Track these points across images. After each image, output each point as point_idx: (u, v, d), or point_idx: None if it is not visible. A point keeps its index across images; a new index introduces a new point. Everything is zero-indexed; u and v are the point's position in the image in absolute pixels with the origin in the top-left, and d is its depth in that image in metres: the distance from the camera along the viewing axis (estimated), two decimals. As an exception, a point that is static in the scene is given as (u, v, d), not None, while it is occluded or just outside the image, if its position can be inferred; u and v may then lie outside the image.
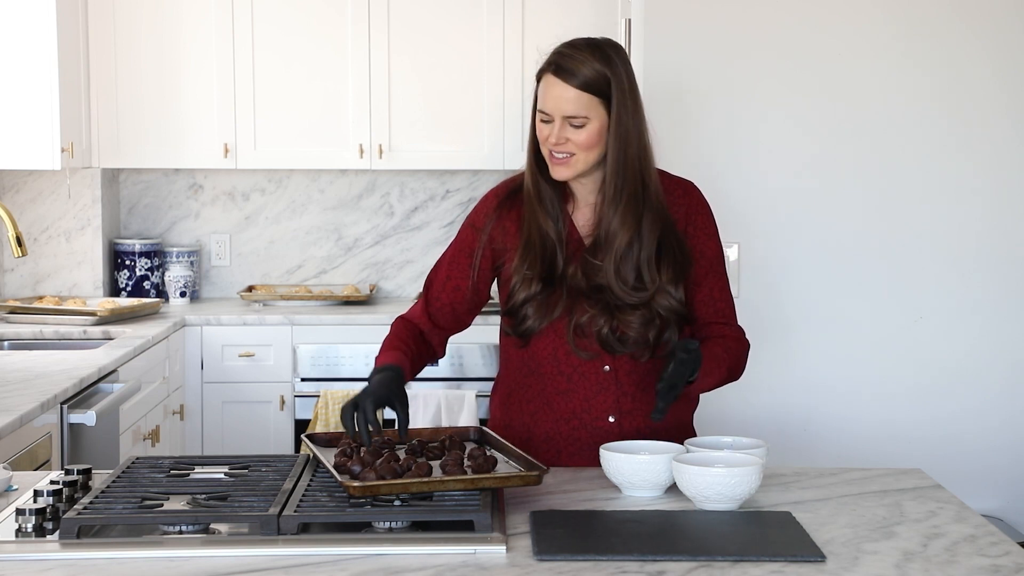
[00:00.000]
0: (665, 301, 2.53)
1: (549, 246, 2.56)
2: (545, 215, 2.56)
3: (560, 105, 2.48)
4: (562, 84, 2.48)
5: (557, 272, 2.55)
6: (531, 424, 2.63)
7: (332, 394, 4.77)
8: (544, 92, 2.50)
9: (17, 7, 4.59)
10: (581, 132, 2.49)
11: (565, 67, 2.48)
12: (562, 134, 2.49)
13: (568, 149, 2.50)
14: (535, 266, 2.55)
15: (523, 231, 2.58)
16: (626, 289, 2.52)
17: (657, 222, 2.54)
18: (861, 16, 3.80)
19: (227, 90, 5.11)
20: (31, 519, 2.03)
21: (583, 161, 2.52)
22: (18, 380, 3.47)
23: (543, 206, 2.57)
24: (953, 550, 1.99)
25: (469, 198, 5.49)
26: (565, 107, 2.48)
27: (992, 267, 3.85)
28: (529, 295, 2.55)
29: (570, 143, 2.49)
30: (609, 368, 2.57)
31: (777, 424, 3.85)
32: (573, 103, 2.48)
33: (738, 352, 2.63)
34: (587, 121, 2.49)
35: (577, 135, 2.49)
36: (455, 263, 2.66)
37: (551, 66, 2.50)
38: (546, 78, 2.50)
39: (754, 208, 3.82)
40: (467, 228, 2.67)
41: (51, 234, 5.25)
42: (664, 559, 1.91)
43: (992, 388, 3.87)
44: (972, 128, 3.82)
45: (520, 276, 2.56)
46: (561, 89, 2.48)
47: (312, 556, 1.92)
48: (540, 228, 2.56)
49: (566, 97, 2.48)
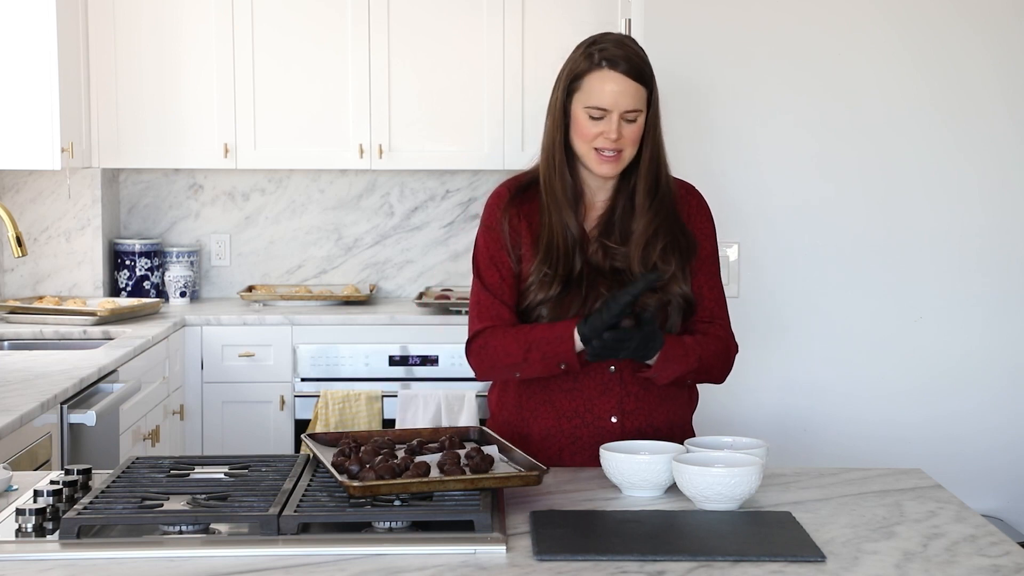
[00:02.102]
0: (678, 288, 2.55)
1: (571, 245, 2.55)
2: (570, 212, 2.55)
3: (619, 100, 2.47)
4: (622, 78, 2.47)
5: (575, 273, 2.55)
6: (531, 420, 2.62)
7: (332, 394, 4.78)
8: (600, 87, 2.48)
9: (17, 7, 4.59)
10: (633, 127, 2.50)
11: (622, 61, 2.48)
12: (620, 130, 2.49)
13: (619, 145, 2.50)
14: (556, 266, 2.54)
15: (544, 232, 2.56)
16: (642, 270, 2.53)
17: (672, 213, 2.57)
18: (861, 16, 3.80)
19: (227, 90, 5.11)
20: (31, 519, 2.02)
21: (629, 156, 2.53)
22: (18, 380, 3.47)
23: (568, 203, 2.56)
24: (953, 550, 1.99)
25: (469, 198, 5.49)
26: (625, 101, 2.47)
27: (992, 267, 3.85)
28: (547, 296, 2.54)
29: (621, 139, 2.50)
30: (615, 368, 2.57)
31: (777, 424, 3.85)
32: (632, 97, 2.48)
33: (715, 349, 2.59)
34: (639, 115, 2.50)
35: (629, 129, 2.50)
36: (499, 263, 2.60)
37: (606, 61, 2.48)
38: (600, 73, 2.48)
39: (754, 208, 3.82)
40: (486, 232, 2.63)
41: (51, 234, 5.25)
42: (664, 559, 1.91)
43: (992, 388, 3.87)
44: (972, 128, 3.82)
45: (539, 276, 2.54)
46: (622, 83, 2.47)
47: (312, 556, 1.92)
48: (565, 229, 2.55)
49: (626, 91, 2.47)
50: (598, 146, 2.50)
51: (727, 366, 2.65)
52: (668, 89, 3.73)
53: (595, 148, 2.51)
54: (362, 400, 4.77)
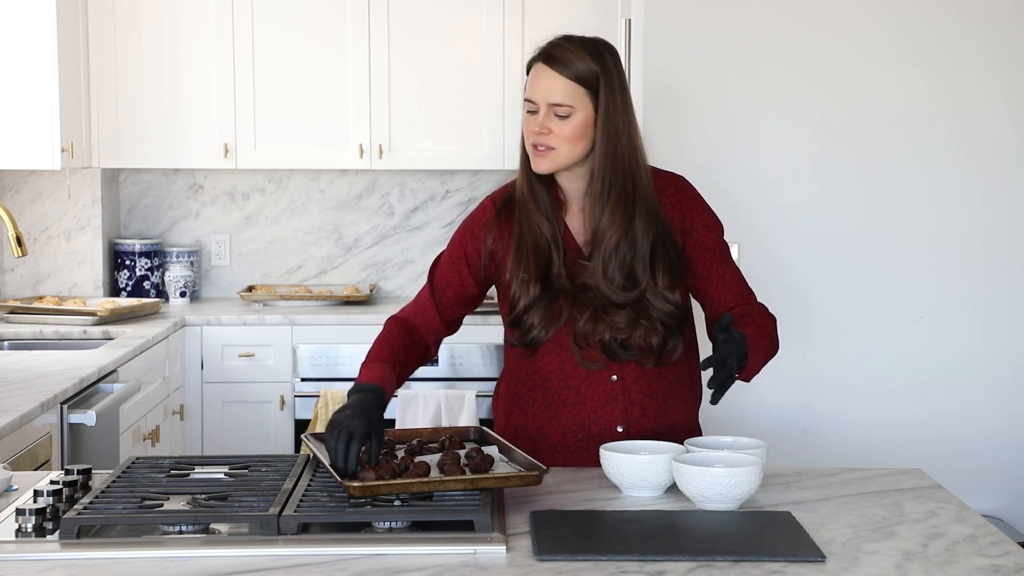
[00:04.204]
0: (658, 304, 2.50)
1: (543, 246, 2.52)
2: (539, 213, 2.53)
3: (546, 93, 2.46)
4: (551, 72, 2.47)
5: (553, 272, 2.53)
6: (536, 437, 2.61)
7: (332, 394, 4.77)
8: (532, 80, 2.49)
9: (17, 7, 4.59)
10: (565, 124, 2.47)
11: (556, 56, 2.48)
12: (546, 124, 2.46)
13: (550, 142, 2.47)
14: (529, 268, 2.52)
15: (515, 233, 2.56)
16: (613, 288, 2.49)
17: (651, 225, 2.52)
18: (861, 16, 3.80)
19: (227, 90, 5.11)
20: (31, 519, 2.02)
21: (565, 155, 2.48)
22: (18, 380, 3.46)
23: (536, 204, 2.54)
24: (953, 550, 1.99)
25: (469, 198, 5.49)
26: (551, 95, 2.46)
27: (992, 267, 3.85)
28: (530, 300, 2.52)
29: (553, 135, 2.47)
30: (616, 378, 2.56)
31: (777, 424, 3.85)
32: (559, 92, 2.46)
33: (770, 325, 2.55)
34: (572, 112, 2.47)
35: (561, 126, 2.47)
36: (453, 268, 2.62)
37: (542, 55, 2.49)
38: (536, 67, 2.50)
39: (754, 208, 3.82)
40: (465, 233, 2.63)
41: (51, 234, 5.25)
42: (664, 559, 1.91)
43: (992, 388, 3.88)
44: (972, 128, 3.82)
45: (517, 280, 2.53)
46: (550, 78, 2.47)
47: (312, 556, 1.92)
48: (533, 227, 2.53)
49: (553, 86, 2.46)
50: (531, 142, 2.50)
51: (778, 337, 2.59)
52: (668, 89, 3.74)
53: (532, 144, 2.50)
54: (362, 400, 4.77)
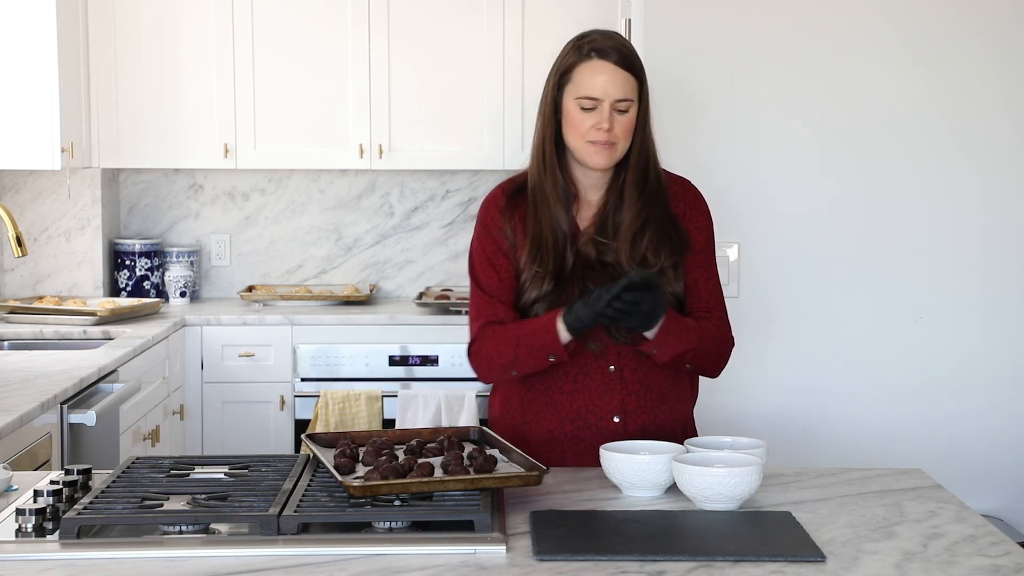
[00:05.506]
0: (669, 287, 2.54)
1: (561, 241, 2.54)
2: (559, 206, 2.55)
3: (610, 89, 2.47)
4: (612, 67, 2.48)
5: (567, 269, 2.55)
6: (533, 423, 2.62)
7: (332, 394, 4.78)
8: (591, 77, 2.48)
9: (17, 7, 4.59)
10: (625, 117, 2.50)
11: (611, 51, 2.48)
12: (611, 119, 2.49)
13: (613, 137, 2.49)
14: (546, 263, 2.53)
15: (530, 228, 2.56)
16: (635, 264, 2.52)
17: (663, 209, 2.57)
18: (861, 16, 3.80)
19: (227, 90, 5.11)
20: (31, 519, 2.02)
21: (622, 149, 2.53)
22: (18, 380, 3.47)
23: (557, 197, 2.55)
24: (953, 550, 1.99)
25: (469, 198, 5.49)
26: (616, 91, 2.48)
27: (992, 267, 3.85)
28: (540, 294, 2.53)
29: (614, 130, 2.49)
30: (614, 368, 2.57)
31: (777, 424, 3.85)
32: (622, 87, 2.48)
33: (714, 335, 2.58)
34: (631, 105, 2.50)
35: (621, 121, 2.49)
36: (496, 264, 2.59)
37: (595, 52, 2.49)
38: (591, 64, 2.49)
39: (754, 208, 3.82)
40: (482, 234, 2.62)
41: (51, 234, 5.25)
42: (664, 559, 1.91)
43: (992, 388, 3.87)
44: (972, 128, 3.82)
45: (530, 274, 2.54)
46: (611, 72, 2.48)
47: (312, 556, 1.92)
48: (553, 224, 2.55)
49: (616, 81, 2.48)
50: (591, 139, 2.50)
51: (724, 357, 2.64)
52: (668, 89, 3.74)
53: (589, 141, 2.50)
54: (362, 400, 4.77)
